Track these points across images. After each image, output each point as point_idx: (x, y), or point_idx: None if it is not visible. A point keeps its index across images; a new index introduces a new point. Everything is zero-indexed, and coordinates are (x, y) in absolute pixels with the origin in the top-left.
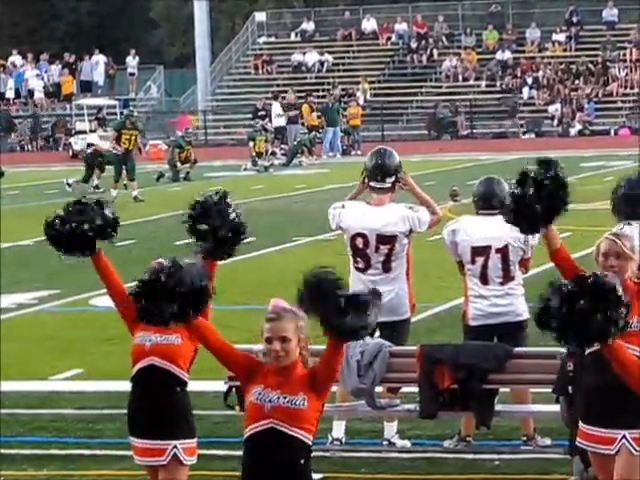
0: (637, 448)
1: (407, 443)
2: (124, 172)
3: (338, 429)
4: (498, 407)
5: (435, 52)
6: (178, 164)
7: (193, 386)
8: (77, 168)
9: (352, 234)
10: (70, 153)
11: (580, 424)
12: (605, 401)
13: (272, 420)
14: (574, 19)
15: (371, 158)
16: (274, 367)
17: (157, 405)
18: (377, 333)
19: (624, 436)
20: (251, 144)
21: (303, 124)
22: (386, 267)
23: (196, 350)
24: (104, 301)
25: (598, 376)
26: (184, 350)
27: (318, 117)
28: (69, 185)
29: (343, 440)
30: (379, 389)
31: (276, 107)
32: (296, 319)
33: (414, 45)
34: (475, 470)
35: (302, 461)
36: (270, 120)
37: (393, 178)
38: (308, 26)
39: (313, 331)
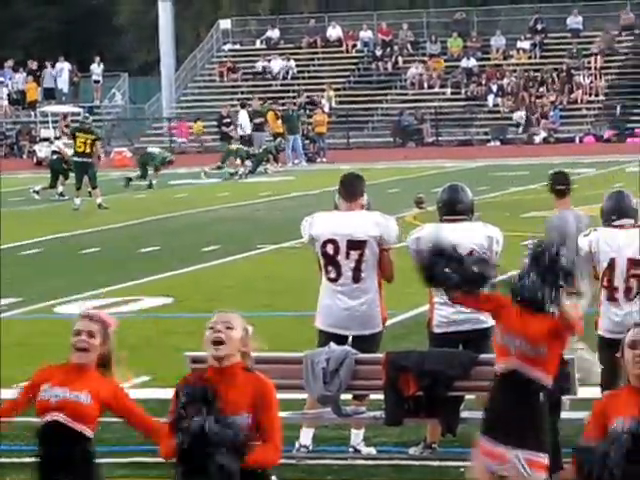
0: (529, 471)
1: (373, 450)
2: (86, 179)
3: (306, 436)
4: (464, 414)
5: (400, 59)
6: (150, 172)
7: None
8: (42, 175)
9: (323, 241)
10: (34, 160)
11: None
12: (504, 418)
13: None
14: (539, 26)
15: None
16: (213, 372)
17: None
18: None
19: (517, 456)
20: (222, 163)
21: (268, 131)
22: (356, 276)
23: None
24: (68, 309)
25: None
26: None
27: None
28: (37, 193)
29: (310, 447)
30: (347, 396)
31: (243, 115)
32: (243, 321)
33: (379, 53)
34: (441, 477)
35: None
36: (235, 128)
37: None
38: (273, 33)
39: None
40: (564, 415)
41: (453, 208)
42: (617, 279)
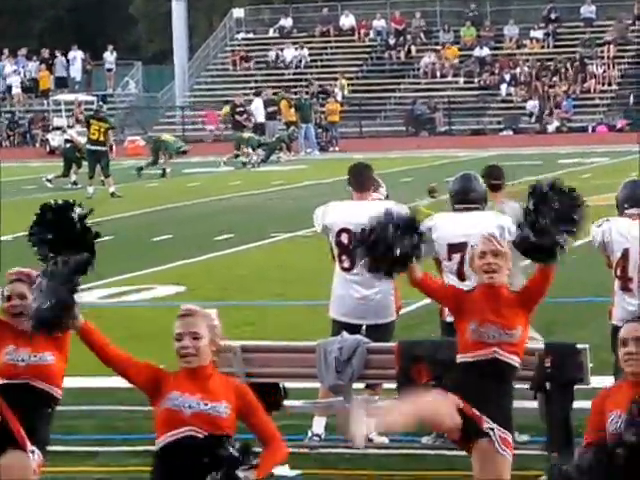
0: (503, 447)
1: (385, 439)
2: (98, 168)
3: (318, 425)
4: None
5: (413, 49)
6: (161, 161)
7: None
8: (54, 164)
9: (337, 230)
10: (47, 149)
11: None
12: (477, 401)
13: (191, 427)
14: (552, 16)
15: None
16: (186, 372)
17: None
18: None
19: (493, 429)
20: (237, 151)
21: (280, 120)
22: None
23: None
24: (81, 297)
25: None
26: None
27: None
28: (49, 181)
29: (323, 436)
30: (360, 385)
31: (257, 103)
32: (209, 319)
33: (392, 41)
34: (453, 466)
35: None
36: (249, 117)
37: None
38: (286, 22)
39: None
40: (577, 404)
41: (465, 197)
42: (631, 269)
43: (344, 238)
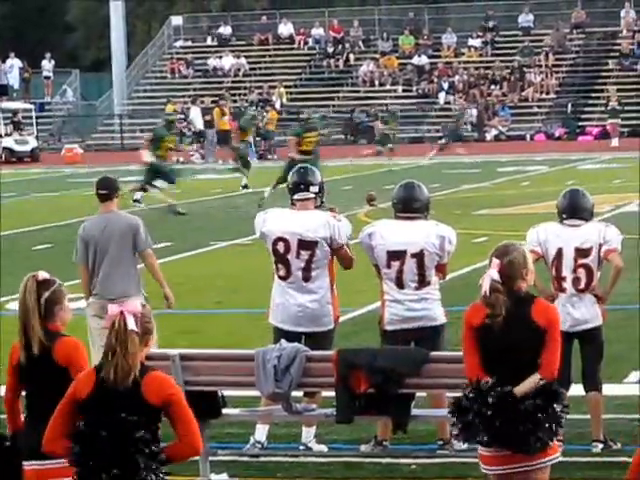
0: None
1: (324, 448)
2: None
3: (261, 432)
4: (414, 411)
5: (352, 57)
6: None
7: None
8: None
9: (273, 238)
10: None
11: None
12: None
13: None
14: (490, 24)
15: (293, 175)
16: None
17: None
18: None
19: None
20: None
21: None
22: (305, 275)
23: None
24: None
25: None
26: None
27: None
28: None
29: (265, 444)
30: (299, 394)
31: (195, 112)
32: None
33: (330, 50)
34: (392, 474)
35: None
36: (188, 124)
37: (317, 188)
38: (225, 30)
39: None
40: None
41: (409, 206)
42: (564, 268)
43: (280, 247)
